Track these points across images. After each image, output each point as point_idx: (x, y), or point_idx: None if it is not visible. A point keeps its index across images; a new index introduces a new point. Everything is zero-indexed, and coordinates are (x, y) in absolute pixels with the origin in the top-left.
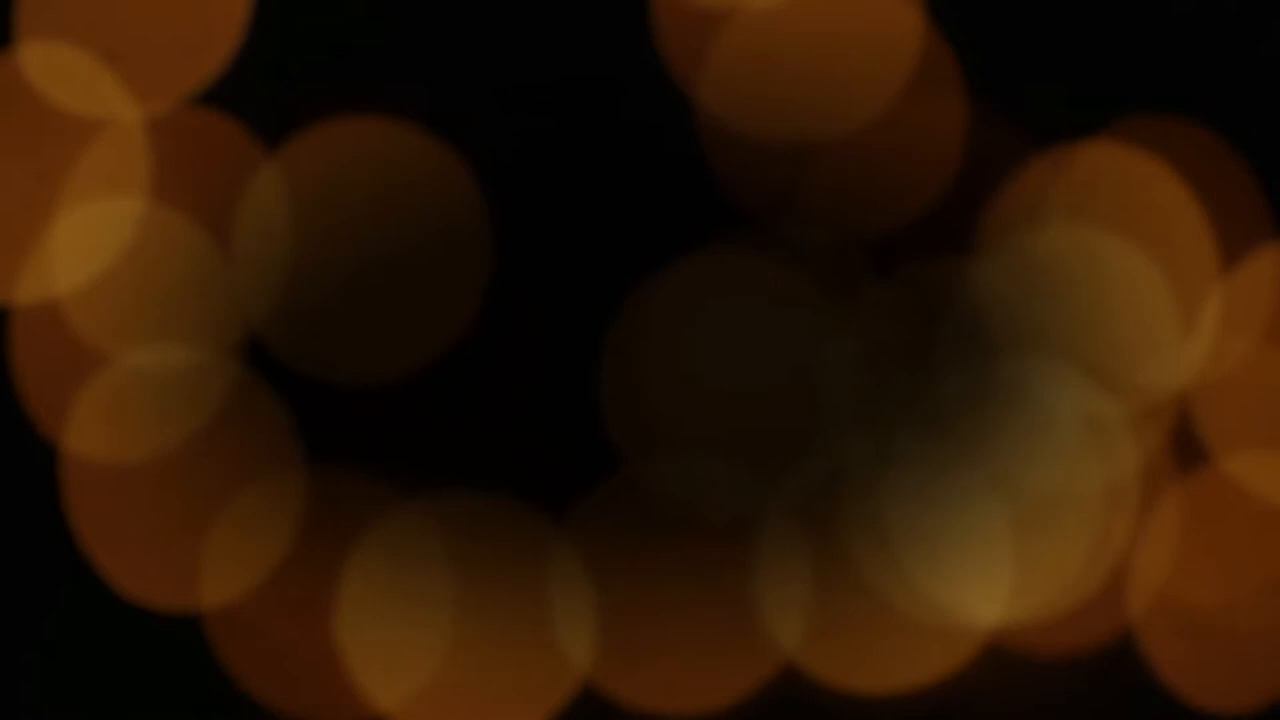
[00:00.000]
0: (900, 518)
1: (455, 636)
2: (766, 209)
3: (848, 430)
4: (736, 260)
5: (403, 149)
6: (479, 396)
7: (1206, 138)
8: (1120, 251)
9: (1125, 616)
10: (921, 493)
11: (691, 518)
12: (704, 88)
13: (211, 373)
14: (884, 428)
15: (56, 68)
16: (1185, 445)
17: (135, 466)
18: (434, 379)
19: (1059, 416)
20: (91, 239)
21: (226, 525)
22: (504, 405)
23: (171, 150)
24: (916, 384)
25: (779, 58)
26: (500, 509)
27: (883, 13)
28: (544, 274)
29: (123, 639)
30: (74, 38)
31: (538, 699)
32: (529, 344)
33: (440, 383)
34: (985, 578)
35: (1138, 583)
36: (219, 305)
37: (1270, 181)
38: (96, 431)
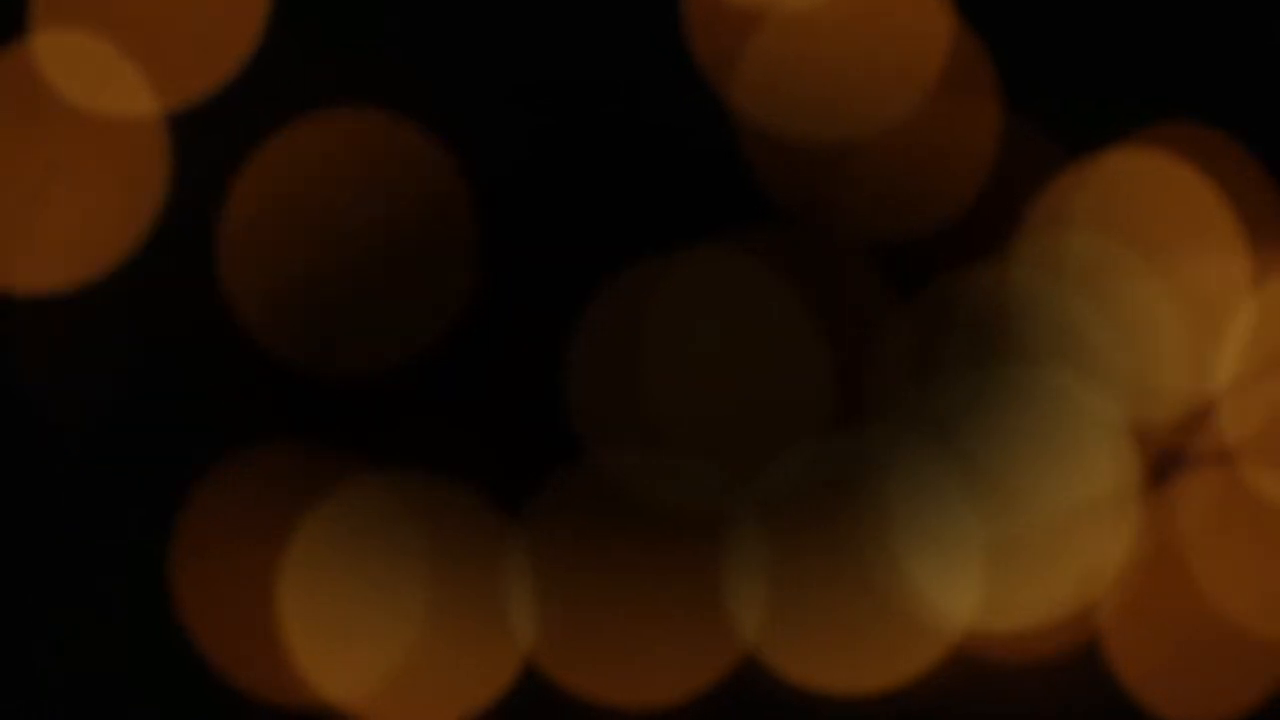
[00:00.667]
0: (880, 520)
1: (402, 620)
2: (793, 208)
3: (829, 431)
4: (730, 258)
5: (396, 143)
6: (456, 386)
7: (1235, 146)
8: (1148, 258)
9: (1111, 624)
10: (908, 496)
11: (656, 511)
12: (735, 87)
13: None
14: (878, 429)
15: (69, 59)
16: (1199, 453)
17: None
18: (412, 368)
19: (1068, 424)
20: (100, 233)
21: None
22: (478, 394)
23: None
24: (924, 386)
25: (810, 58)
26: (458, 494)
27: (914, 14)
28: (536, 269)
29: (104, 623)
30: (88, 28)
31: (484, 685)
32: (515, 336)
33: (418, 372)
34: (961, 581)
35: (1124, 592)
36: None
37: None
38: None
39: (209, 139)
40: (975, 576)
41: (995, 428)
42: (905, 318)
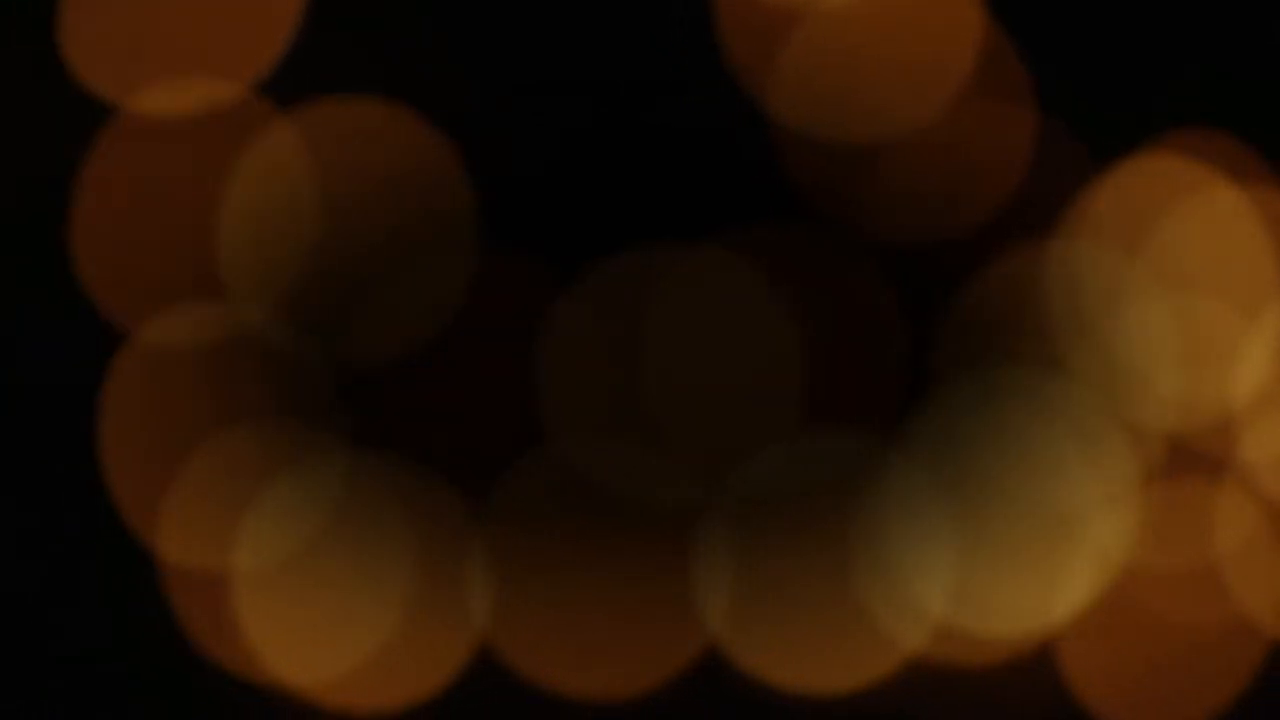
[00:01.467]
0: (856, 522)
1: (361, 601)
2: (816, 206)
3: (811, 431)
4: (723, 255)
5: (401, 135)
6: (432, 372)
7: (1259, 152)
8: (1170, 265)
9: (1074, 635)
10: (887, 499)
11: (627, 502)
12: (765, 85)
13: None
14: (865, 430)
15: (99, 53)
16: (1215, 463)
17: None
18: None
19: (1065, 430)
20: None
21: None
22: (452, 381)
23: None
24: (924, 389)
25: (840, 57)
26: (425, 477)
27: (946, 15)
28: (532, 262)
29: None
30: (119, 22)
31: (439, 670)
32: (497, 325)
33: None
34: (932, 586)
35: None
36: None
37: None
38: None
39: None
40: (947, 582)
41: (992, 432)
42: (914, 319)
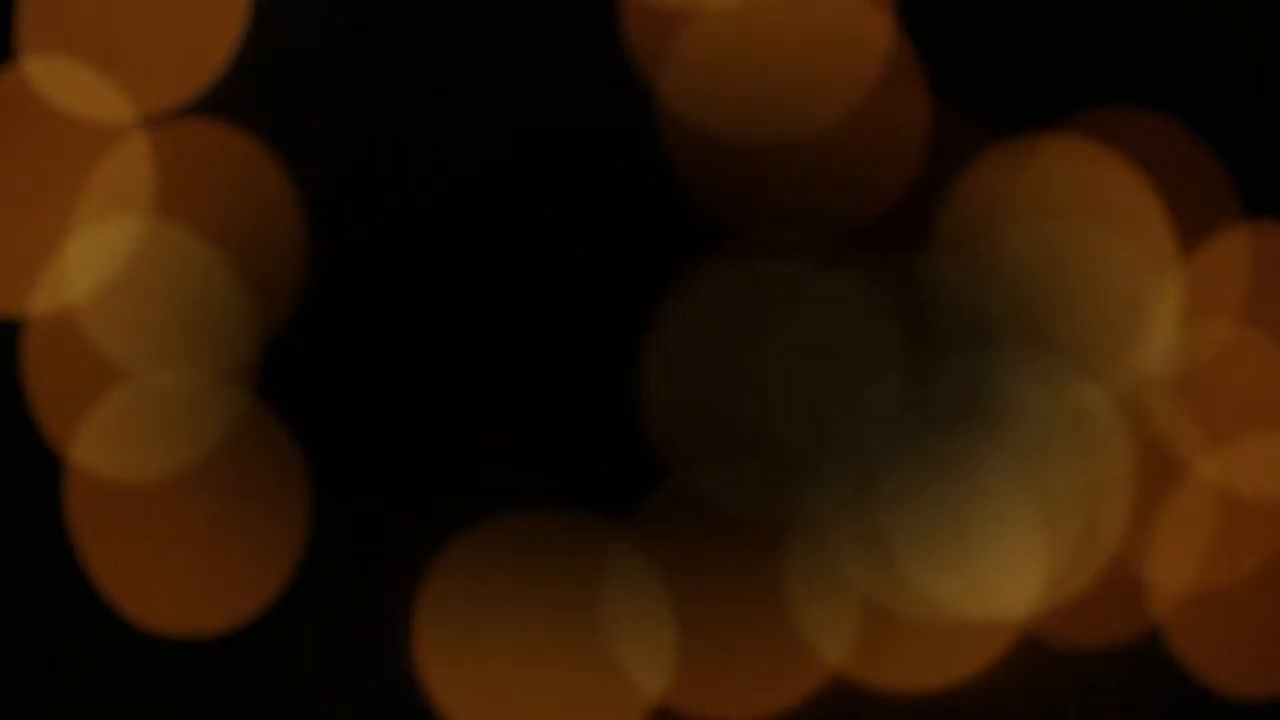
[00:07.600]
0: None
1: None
2: (730, 210)
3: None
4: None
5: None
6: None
7: (1164, 128)
8: (1083, 242)
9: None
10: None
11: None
12: (669, 87)
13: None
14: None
15: (60, 77)
16: (1173, 434)
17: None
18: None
19: (1036, 410)
20: (101, 251)
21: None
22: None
23: (178, 161)
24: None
25: (745, 57)
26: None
27: (849, 12)
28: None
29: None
30: (75, 47)
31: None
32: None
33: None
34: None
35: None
36: (229, 321)
37: (1235, 166)
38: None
39: (205, 151)
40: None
41: (974, 420)
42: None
